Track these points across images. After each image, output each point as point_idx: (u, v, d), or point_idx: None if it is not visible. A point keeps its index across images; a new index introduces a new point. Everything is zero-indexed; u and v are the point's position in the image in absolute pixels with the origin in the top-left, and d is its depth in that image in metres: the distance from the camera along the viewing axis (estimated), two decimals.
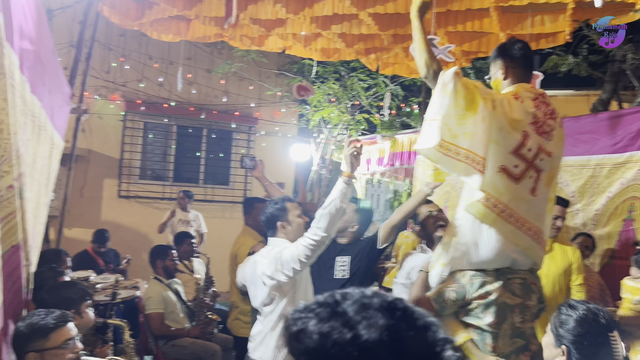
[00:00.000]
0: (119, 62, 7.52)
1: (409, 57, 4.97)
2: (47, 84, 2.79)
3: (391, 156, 6.86)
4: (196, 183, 8.38)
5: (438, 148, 2.16)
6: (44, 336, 2.05)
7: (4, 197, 2.05)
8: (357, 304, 0.80)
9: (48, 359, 2.04)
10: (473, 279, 2.36)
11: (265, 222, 2.81)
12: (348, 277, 3.20)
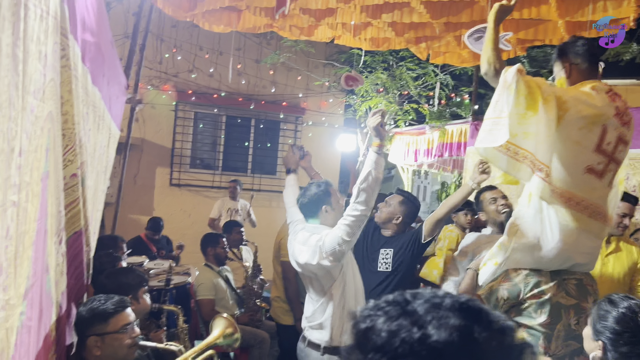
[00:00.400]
0: (171, 53, 7.68)
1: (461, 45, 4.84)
2: (106, 74, 2.87)
3: (440, 147, 6.74)
4: (244, 172, 8.49)
5: (497, 147, 2.12)
6: (104, 321, 2.11)
7: (68, 185, 2.13)
8: (428, 303, 0.78)
9: (108, 342, 2.10)
10: (528, 278, 2.29)
11: (307, 204, 2.79)
12: (390, 270, 3.17)
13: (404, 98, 7.49)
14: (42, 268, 1.82)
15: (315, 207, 2.79)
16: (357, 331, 0.80)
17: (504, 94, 2.11)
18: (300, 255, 2.72)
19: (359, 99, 7.52)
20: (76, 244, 2.35)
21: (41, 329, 1.88)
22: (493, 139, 2.12)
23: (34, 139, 1.60)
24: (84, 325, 2.14)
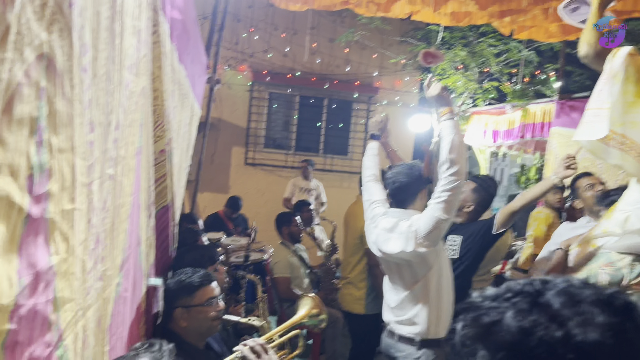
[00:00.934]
0: (248, 33, 7.76)
1: (549, 19, 4.53)
2: (190, 53, 2.91)
3: (521, 128, 6.40)
4: (316, 153, 8.50)
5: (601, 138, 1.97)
6: (190, 293, 2.15)
7: (157, 161, 2.18)
8: (564, 295, 0.68)
9: (193, 315, 2.13)
10: (634, 264, 2.13)
11: (403, 188, 2.59)
12: (457, 258, 3.04)
13: (484, 76, 7.17)
14: (136, 241, 1.88)
15: (413, 193, 2.60)
16: (479, 325, 0.72)
17: (609, 82, 1.93)
18: (389, 243, 2.53)
19: (436, 77, 7.27)
20: (163, 218, 2.42)
21: (134, 299, 1.94)
22: (593, 131, 1.98)
23: (129, 114, 1.63)
24: (171, 297, 2.19)
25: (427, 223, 2.40)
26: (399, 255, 2.50)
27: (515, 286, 0.74)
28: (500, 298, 0.73)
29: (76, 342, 1.20)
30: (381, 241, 2.59)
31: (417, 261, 2.49)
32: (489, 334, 0.70)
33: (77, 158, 1.10)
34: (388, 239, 2.54)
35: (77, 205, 1.12)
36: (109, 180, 1.45)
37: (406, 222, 2.50)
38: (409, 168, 2.62)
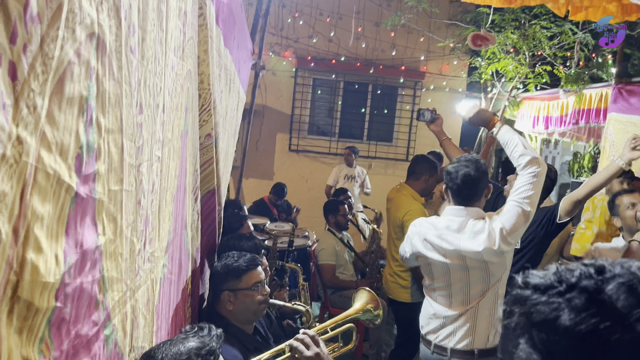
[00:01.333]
0: (292, 18, 7.73)
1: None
2: (236, 38, 2.90)
3: (575, 113, 6.14)
4: (360, 139, 8.43)
5: None
6: (237, 277, 2.18)
7: (203, 145, 2.19)
8: (628, 290, 0.60)
9: (240, 298, 2.17)
10: None
11: (472, 183, 2.36)
12: (519, 248, 2.91)
13: (536, 60, 6.89)
14: (182, 224, 1.89)
15: (481, 188, 2.40)
16: (530, 324, 0.65)
17: None
18: (465, 243, 2.31)
19: (485, 61, 7.05)
20: (209, 202, 2.44)
21: (180, 281, 1.96)
22: None
23: (175, 97, 1.63)
24: (219, 280, 2.22)
25: (513, 219, 2.27)
26: (478, 256, 2.30)
27: (568, 277, 0.66)
28: (552, 291, 0.66)
29: (125, 322, 1.22)
30: (449, 241, 2.37)
31: (497, 261, 2.31)
32: (540, 332, 0.64)
33: (126, 139, 1.10)
34: (459, 239, 2.34)
35: (125, 186, 1.13)
36: (157, 163, 1.46)
37: (478, 221, 2.34)
38: (477, 161, 2.39)
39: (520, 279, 0.71)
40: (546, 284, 0.67)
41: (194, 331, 1.48)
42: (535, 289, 0.68)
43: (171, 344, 1.41)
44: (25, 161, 0.68)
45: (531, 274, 0.70)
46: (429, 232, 2.43)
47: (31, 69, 0.68)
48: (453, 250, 2.34)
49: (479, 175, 2.35)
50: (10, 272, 0.67)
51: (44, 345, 0.78)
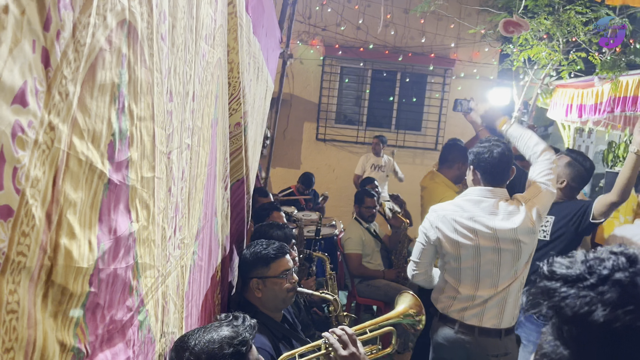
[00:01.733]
0: (320, 6, 7.68)
1: None
2: (265, 26, 2.89)
3: (610, 101, 5.95)
4: (388, 128, 8.36)
5: None
6: (265, 265, 2.18)
7: (233, 134, 2.20)
8: None
9: (268, 286, 2.17)
10: None
11: (505, 164, 2.37)
12: (548, 240, 2.85)
13: (570, 46, 6.69)
14: (212, 211, 1.90)
15: (510, 170, 2.42)
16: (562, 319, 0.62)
17: None
18: (501, 222, 2.33)
19: (518, 47, 6.87)
20: (239, 190, 2.45)
21: (210, 268, 1.98)
22: None
23: (205, 85, 1.64)
24: (247, 267, 2.23)
25: (544, 198, 2.34)
26: (512, 234, 2.31)
27: (599, 268, 0.63)
28: (582, 284, 0.62)
29: (157, 307, 1.23)
30: (482, 223, 2.35)
31: (528, 242, 2.34)
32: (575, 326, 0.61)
33: (157, 127, 1.10)
34: (493, 220, 2.34)
35: (157, 173, 1.13)
36: (187, 150, 1.47)
37: (509, 203, 2.36)
38: (506, 143, 2.42)
39: (545, 268, 0.67)
40: (575, 275, 0.64)
41: (228, 320, 1.49)
42: (564, 281, 0.64)
43: (205, 331, 1.43)
44: (57, 147, 0.68)
45: (557, 263, 0.67)
46: (457, 215, 2.40)
47: (63, 56, 0.68)
48: (487, 232, 2.33)
49: (511, 154, 2.38)
50: (44, 257, 0.67)
51: (79, 330, 0.79)
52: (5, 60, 0.56)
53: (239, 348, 1.40)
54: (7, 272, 0.60)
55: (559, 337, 0.64)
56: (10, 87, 0.57)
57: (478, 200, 2.38)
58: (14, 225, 0.60)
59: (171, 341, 1.42)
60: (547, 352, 0.65)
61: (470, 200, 2.41)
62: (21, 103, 0.60)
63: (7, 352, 0.61)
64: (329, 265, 3.43)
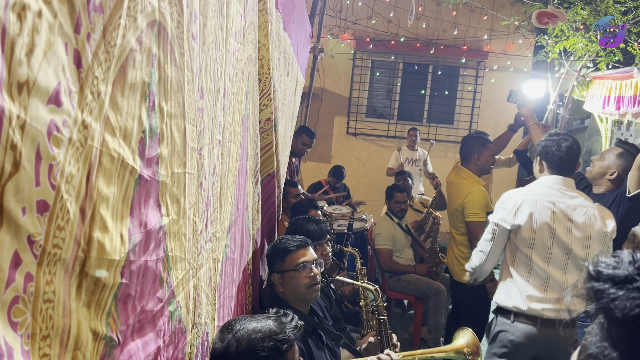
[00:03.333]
0: (351, 0, 7.65)
1: None
2: (295, 21, 2.91)
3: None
4: (419, 122, 8.28)
5: None
6: (281, 258, 2.15)
7: (263, 129, 2.23)
8: None
9: (287, 280, 2.12)
10: None
11: (575, 157, 2.48)
12: None
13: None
14: (243, 206, 1.94)
15: (576, 164, 2.52)
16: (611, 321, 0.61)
17: None
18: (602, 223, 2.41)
19: (553, 39, 6.71)
20: (269, 185, 2.48)
21: (242, 261, 2.02)
22: None
23: (236, 82, 1.66)
24: (270, 262, 2.23)
25: None
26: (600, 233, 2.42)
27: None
28: (632, 285, 0.61)
29: (188, 299, 1.27)
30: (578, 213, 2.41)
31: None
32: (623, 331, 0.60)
33: (188, 124, 1.13)
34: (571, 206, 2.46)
35: (188, 169, 1.16)
36: (218, 146, 1.50)
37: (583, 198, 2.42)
38: (574, 137, 2.51)
39: (591, 268, 0.66)
40: (623, 275, 0.63)
41: (277, 315, 1.51)
42: (612, 282, 0.63)
43: (252, 320, 1.46)
44: (90, 145, 0.71)
45: (603, 263, 0.66)
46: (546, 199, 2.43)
47: (94, 57, 0.71)
48: (583, 224, 2.40)
49: (578, 148, 2.47)
50: (78, 249, 0.71)
51: (111, 319, 0.82)
52: (40, 62, 0.59)
53: (278, 345, 1.41)
54: (44, 264, 0.63)
55: (607, 338, 0.63)
56: (45, 88, 0.60)
57: (555, 187, 2.45)
58: (50, 219, 0.63)
59: (204, 332, 1.45)
60: (595, 354, 0.64)
61: (548, 187, 2.46)
62: (56, 103, 0.63)
63: (44, 339, 0.64)
64: (360, 261, 3.43)
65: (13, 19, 0.54)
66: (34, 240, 0.60)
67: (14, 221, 0.56)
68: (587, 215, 2.37)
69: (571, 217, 2.38)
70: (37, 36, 0.58)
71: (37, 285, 0.62)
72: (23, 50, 0.56)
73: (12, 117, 0.54)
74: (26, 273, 0.59)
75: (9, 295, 0.56)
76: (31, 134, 0.58)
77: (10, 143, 0.54)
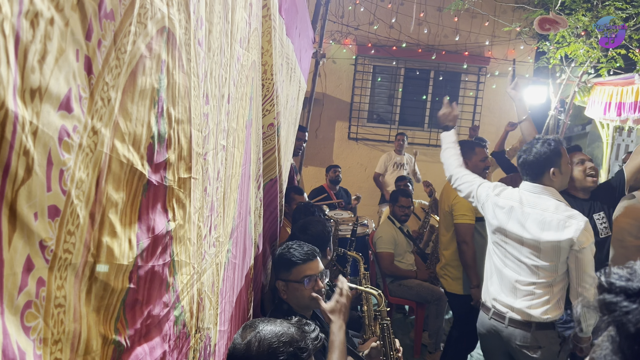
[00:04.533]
0: (353, 5, 7.67)
1: None
2: (298, 27, 2.92)
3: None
4: (421, 127, 8.29)
5: None
6: (287, 269, 2.15)
7: (266, 134, 2.23)
8: None
9: (291, 289, 2.14)
10: None
11: (530, 164, 2.43)
12: (611, 234, 2.84)
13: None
14: (246, 210, 1.94)
15: (540, 168, 2.43)
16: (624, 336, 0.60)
17: None
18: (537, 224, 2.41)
19: (554, 45, 6.72)
20: (272, 190, 2.48)
21: (244, 266, 2.02)
22: None
23: (240, 87, 1.67)
24: (275, 267, 2.24)
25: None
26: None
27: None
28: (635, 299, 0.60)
29: (192, 303, 1.27)
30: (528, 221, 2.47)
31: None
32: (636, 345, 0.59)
33: (194, 129, 1.14)
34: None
35: (194, 174, 1.17)
36: (222, 151, 1.50)
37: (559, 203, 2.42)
38: (534, 144, 2.52)
39: (603, 279, 0.65)
40: (638, 288, 0.61)
41: (300, 323, 1.51)
42: (625, 295, 0.62)
43: (275, 323, 1.47)
44: (100, 150, 0.72)
45: (615, 274, 0.65)
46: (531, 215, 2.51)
47: (105, 63, 0.72)
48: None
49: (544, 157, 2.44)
50: (87, 254, 0.71)
51: (120, 324, 0.83)
52: (51, 69, 0.60)
53: (298, 352, 1.42)
54: (55, 269, 0.64)
55: (618, 351, 0.62)
56: (57, 94, 0.61)
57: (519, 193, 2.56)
58: (61, 224, 0.64)
59: (206, 336, 1.46)
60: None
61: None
62: (66, 109, 0.63)
63: (56, 343, 0.65)
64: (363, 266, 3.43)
65: (26, 26, 0.55)
66: (46, 245, 0.61)
67: (27, 226, 0.57)
68: (541, 221, 2.37)
69: (524, 221, 2.42)
70: (49, 43, 0.59)
71: (48, 290, 0.62)
72: (36, 57, 0.57)
73: (25, 123, 0.55)
74: (38, 278, 0.60)
75: (21, 300, 0.57)
76: (43, 139, 0.59)
77: (23, 149, 0.55)
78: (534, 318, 2.40)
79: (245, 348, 1.43)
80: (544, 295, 2.39)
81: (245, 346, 1.43)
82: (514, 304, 2.46)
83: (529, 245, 2.41)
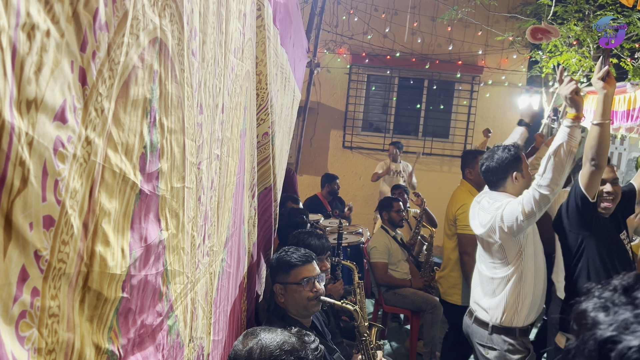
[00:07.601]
0: (347, 15, 7.72)
1: None
2: (292, 37, 2.94)
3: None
4: (415, 136, 8.33)
5: None
6: (286, 271, 2.21)
7: (260, 143, 2.24)
8: None
9: (289, 292, 2.19)
10: None
11: (493, 170, 2.57)
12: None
13: (601, 52, 6.57)
14: (240, 219, 1.94)
15: (502, 174, 2.56)
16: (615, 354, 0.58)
17: None
18: (480, 219, 2.63)
19: (547, 54, 6.78)
20: (266, 199, 2.49)
21: (238, 275, 2.02)
22: None
23: (234, 97, 1.68)
24: (273, 272, 2.27)
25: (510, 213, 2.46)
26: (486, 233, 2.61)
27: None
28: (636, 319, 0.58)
29: (186, 313, 1.27)
30: (478, 217, 2.68)
31: (495, 245, 2.59)
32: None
33: (187, 139, 1.15)
34: (478, 215, 2.69)
35: (187, 183, 1.17)
36: (216, 161, 1.51)
37: (498, 203, 2.54)
38: (495, 151, 2.68)
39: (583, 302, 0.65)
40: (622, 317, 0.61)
41: (300, 334, 1.52)
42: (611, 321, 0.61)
43: (275, 331, 1.48)
44: (93, 160, 0.73)
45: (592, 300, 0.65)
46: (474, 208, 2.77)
47: (99, 75, 0.72)
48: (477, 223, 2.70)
49: (504, 162, 2.57)
50: (81, 263, 0.72)
51: (113, 333, 0.83)
52: (47, 80, 0.61)
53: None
54: (49, 278, 0.64)
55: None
56: (52, 105, 0.62)
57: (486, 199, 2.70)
58: (55, 234, 0.64)
59: (199, 346, 1.45)
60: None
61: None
62: (61, 120, 0.64)
63: (50, 353, 0.65)
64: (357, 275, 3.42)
65: (23, 38, 0.56)
66: (40, 255, 0.61)
67: (22, 236, 0.57)
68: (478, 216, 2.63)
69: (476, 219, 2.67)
70: (45, 55, 0.60)
71: (42, 300, 0.63)
72: (32, 69, 0.58)
73: (21, 134, 0.56)
74: (33, 288, 0.60)
75: (16, 310, 0.57)
76: (38, 150, 0.59)
77: (19, 160, 0.55)
78: (493, 321, 2.55)
79: (247, 355, 1.44)
80: (500, 292, 2.53)
81: (247, 353, 1.44)
82: (480, 301, 2.64)
83: (480, 241, 2.67)
